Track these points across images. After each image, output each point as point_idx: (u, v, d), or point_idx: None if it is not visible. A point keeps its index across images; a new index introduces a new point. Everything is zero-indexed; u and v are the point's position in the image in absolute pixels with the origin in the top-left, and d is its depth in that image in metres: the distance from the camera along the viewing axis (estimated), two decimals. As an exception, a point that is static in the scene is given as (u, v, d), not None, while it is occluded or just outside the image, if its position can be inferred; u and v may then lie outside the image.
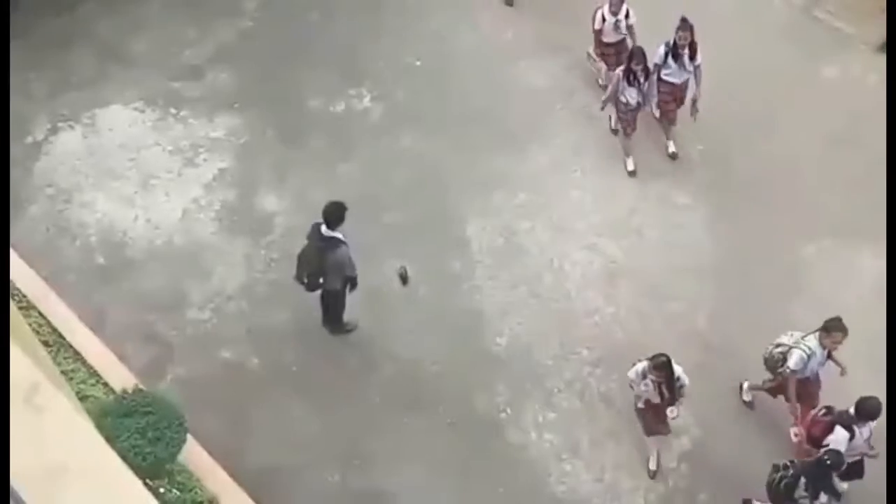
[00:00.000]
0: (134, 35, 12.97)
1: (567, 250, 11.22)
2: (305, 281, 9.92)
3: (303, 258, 9.89)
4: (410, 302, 10.87)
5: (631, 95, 11.25)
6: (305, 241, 9.90)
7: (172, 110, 12.30)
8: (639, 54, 11.05)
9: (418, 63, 12.86)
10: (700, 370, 10.39)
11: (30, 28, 12.64)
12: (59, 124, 12.10)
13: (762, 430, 9.94)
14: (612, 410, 10.17)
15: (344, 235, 9.65)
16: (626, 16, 11.67)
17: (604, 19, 11.72)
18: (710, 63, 11.86)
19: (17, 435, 3.26)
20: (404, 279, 10.95)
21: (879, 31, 12.29)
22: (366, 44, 13.02)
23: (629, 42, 11.79)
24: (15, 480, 3.16)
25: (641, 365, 9.16)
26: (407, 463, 9.79)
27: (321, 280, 9.86)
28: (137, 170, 11.77)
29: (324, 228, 9.59)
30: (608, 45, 11.96)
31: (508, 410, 10.16)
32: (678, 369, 9.11)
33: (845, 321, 9.19)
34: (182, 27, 13.10)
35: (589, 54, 12.42)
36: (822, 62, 12.67)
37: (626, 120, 11.56)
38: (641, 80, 11.16)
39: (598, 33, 11.89)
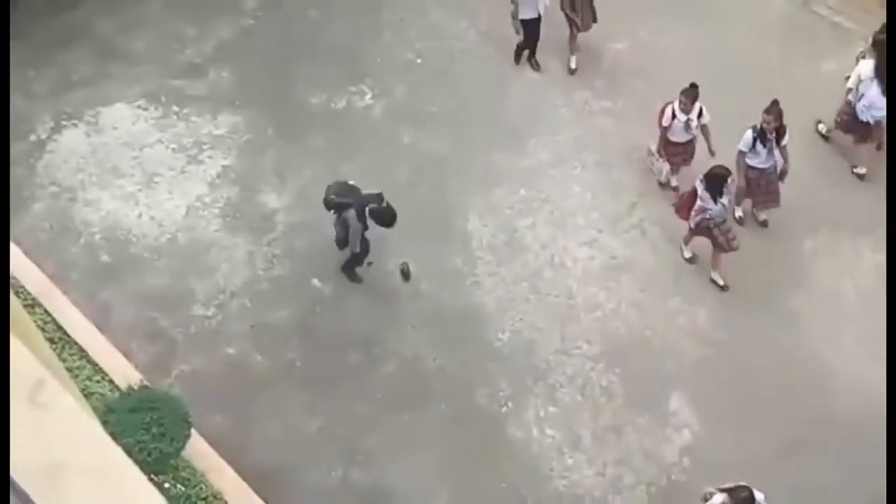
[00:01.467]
0: (134, 33, 13.00)
1: (568, 246, 11.26)
2: (331, 196, 10.36)
3: (346, 187, 10.43)
4: (412, 298, 10.91)
5: (717, 211, 10.41)
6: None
7: (175, 108, 12.34)
8: (727, 179, 10.27)
9: (419, 60, 12.88)
10: (700, 365, 10.45)
11: (30, 27, 12.65)
12: (63, 122, 12.13)
13: (762, 425, 9.98)
14: (614, 405, 10.21)
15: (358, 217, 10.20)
16: (699, 115, 10.80)
17: (673, 116, 10.82)
18: (709, 58, 11.90)
19: (22, 432, 3.30)
20: (406, 275, 11.00)
21: (879, 27, 12.27)
22: (366, 41, 13.05)
23: (696, 141, 11.07)
24: (19, 477, 3.20)
25: (720, 498, 8.40)
26: (409, 458, 9.85)
27: (338, 201, 10.28)
28: (141, 167, 11.81)
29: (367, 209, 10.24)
30: (676, 144, 11.11)
31: (510, 405, 10.20)
32: (759, 496, 8.40)
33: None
34: (182, 25, 13.12)
35: (650, 151, 11.43)
36: (822, 57, 12.69)
37: (705, 230, 10.67)
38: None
39: (665, 131, 11.01)
